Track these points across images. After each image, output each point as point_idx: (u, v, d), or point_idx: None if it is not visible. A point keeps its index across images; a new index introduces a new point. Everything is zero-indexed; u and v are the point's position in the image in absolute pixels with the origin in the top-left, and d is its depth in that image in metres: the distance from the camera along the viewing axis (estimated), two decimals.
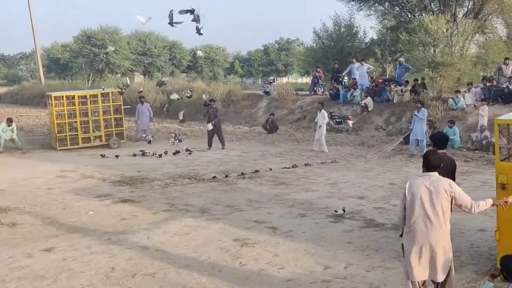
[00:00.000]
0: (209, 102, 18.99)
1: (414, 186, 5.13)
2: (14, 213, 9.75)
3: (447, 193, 5.06)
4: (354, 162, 15.39)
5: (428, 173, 5.17)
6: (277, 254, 7.37)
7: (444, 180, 5.16)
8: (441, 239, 5.07)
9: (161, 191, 11.53)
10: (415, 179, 5.25)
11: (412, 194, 5.09)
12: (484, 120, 17.36)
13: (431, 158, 5.22)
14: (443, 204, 5.04)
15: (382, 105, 22.45)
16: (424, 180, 5.12)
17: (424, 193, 5.04)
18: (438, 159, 5.22)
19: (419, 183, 5.11)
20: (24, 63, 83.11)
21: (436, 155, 5.29)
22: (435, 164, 5.19)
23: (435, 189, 5.04)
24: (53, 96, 18.57)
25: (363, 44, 31.98)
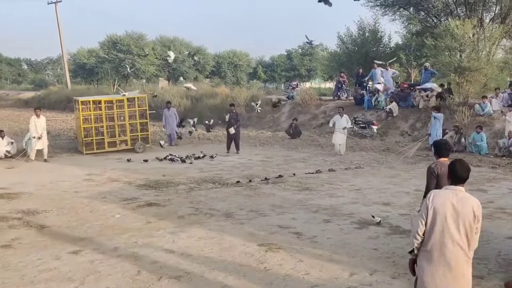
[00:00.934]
0: (230, 106, 19.17)
1: (438, 201, 4.51)
2: (42, 216, 9.90)
3: (475, 216, 4.47)
4: (378, 168, 15.28)
5: (455, 187, 4.57)
6: (302, 260, 7.35)
7: (473, 200, 4.55)
8: (463, 267, 4.52)
9: (186, 195, 11.60)
10: (439, 192, 4.65)
11: (435, 210, 4.49)
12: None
13: (459, 169, 4.59)
14: (469, 226, 4.45)
15: (407, 110, 22.27)
16: (450, 195, 4.51)
17: (450, 212, 4.45)
18: (466, 170, 4.59)
19: (445, 199, 4.50)
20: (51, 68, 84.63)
21: (464, 165, 4.61)
22: (463, 176, 4.57)
23: (463, 208, 4.45)
24: (80, 100, 18.86)
25: (388, 49, 31.79)
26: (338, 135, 17.97)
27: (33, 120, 17.26)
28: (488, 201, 10.97)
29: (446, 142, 6.88)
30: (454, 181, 4.60)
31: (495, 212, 9.92)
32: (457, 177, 4.59)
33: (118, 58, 45.65)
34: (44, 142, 17.22)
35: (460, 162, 4.68)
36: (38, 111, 17.55)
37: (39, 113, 17.40)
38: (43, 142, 17.11)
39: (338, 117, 18.19)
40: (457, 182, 4.58)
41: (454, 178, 4.61)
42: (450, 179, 4.63)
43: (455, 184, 4.59)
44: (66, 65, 48.52)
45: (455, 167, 4.62)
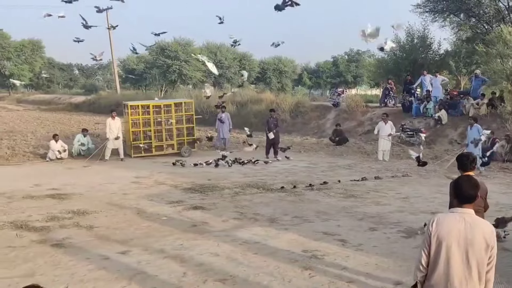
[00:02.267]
0: (270, 112, 19.28)
1: (443, 227, 3.83)
2: (91, 216, 10.17)
3: (488, 244, 3.77)
4: (426, 176, 14.97)
5: (462, 208, 3.91)
6: (347, 268, 7.27)
7: (485, 224, 3.89)
8: None
9: (231, 200, 11.69)
10: (445, 216, 3.94)
11: (439, 238, 3.82)
12: None
13: (464, 186, 3.94)
14: (480, 257, 3.77)
15: (456, 118, 21.74)
16: (457, 220, 3.82)
17: (457, 240, 3.77)
18: (473, 188, 3.93)
19: (451, 225, 3.82)
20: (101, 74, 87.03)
21: (471, 182, 3.98)
22: (470, 194, 3.91)
23: (472, 235, 3.77)
24: (129, 105, 19.29)
25: (437, 55, 31.15)
26: (382, 141, 17.84)
27: (108, 122, 18.40)
28: None
29: (469, 154, 6.45)
30: (460, 201, 3.95)
31: None
32: (463, 196, 3.93)
33: (166, 64, 46.47)
34: (120, 142, 18.29)
35: (465, 178, 4.09)
36: (114, 114, 18.56)
37: (115, 115, 18.45)
38: (119, 143, 18.27)
39: (382, 124, 18.09)
40: (463, 203, 3.92)
41: (459, 197, 3.95)
42: (456, 199, 4.00)
43: (462, 205, 3.92)
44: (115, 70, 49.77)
45: (460, 184, 3.98)
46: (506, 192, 12.75)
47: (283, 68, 55.80)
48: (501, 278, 6.86)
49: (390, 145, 18.08)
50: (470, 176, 4.10)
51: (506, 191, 12.91)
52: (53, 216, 10.05)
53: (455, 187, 3.99)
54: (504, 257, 7.75)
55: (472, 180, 4.02)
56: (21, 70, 64.23)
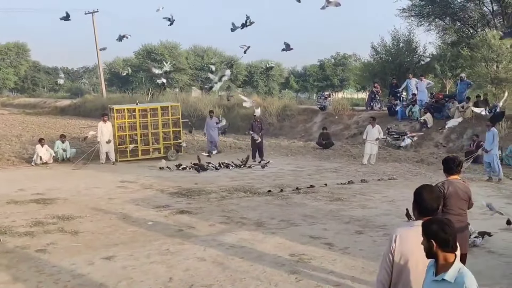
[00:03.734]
0: (253, 115, 19.36)
1: (406, 243, 3.58)
2: (76, 221, 10.07)
3: None
4: (412, 179, 15.04)
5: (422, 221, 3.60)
6: (333, 271, 7.27)
7: None
8: None
9: (217, 204, 11.65)
10: (406, 231, 3.67)
11: (403, 254, 3.57)
12: None
13: (426, 197, 3.67)
14: None
15: (442, 121, 21.88)
16: (420, 234, 3.47)
17: (422, 259, 3.49)
18: (435, 199, 3.70)
19: (415, 241, 3.52)
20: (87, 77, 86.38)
21: (433, 193, 3.72)
22: (432, 206, 3.67)
23: None
24: (115, 109, 19.18)
25: (423, 59, 31.40)
26: (369, 145, 17.88)
27: (100, 125, 18.36)
28: None
29: (455, 158, 6.21)
30: (421, 214, 3.68)
31: None
32: (425, 208, 3.67)
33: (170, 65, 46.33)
34: (111, 146, 18.25)
35: (427, 188, 3.77)
36: (106, 117, 18.60)
37: (106, 119, 18.48)
38: (110, 146, 18.20)
39: (370, 127, 18.10)
40: (424, 215, 3.65)
41: (421, 209, 3.69)
42: (417, 211, 3.73)
43: (423, 218, 3.64)
44: (102, 74, 49.50)
45: (421, 196, 3.69)
46: (491, 195, 12.85)
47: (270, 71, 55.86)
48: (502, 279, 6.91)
49: (377, 149, 18.13)
50: (431, 187, 3.81)
51: (491, 194, 13.01)
52: (37, 221, 9.94)
53: (416, 198, 3.71)
54: (488, 260, 7.82)
55: (435, 191, 3.77)
56: (6, 73, 63.62)
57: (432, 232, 3.34)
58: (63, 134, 19.90)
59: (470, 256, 7.05)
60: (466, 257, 6.13)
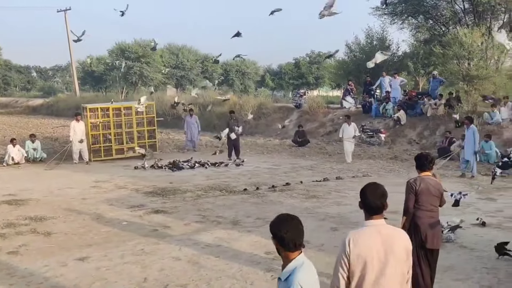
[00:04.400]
0: (230, 113, 19.30)
1: (361, 245, 3.46)
2: (49, 222, 9.93)
3: (407, 253, 3.55)
4: (386, 176, 15.20)
5: (373, 221, 3.57)
6: None
7: (402, 233, 3.65)
8: None
9: (193, 203, 11.59)
10: (359, 233, 3.55)
11: (360, 257, 3.45)
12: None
13: (369, 195, 3.58)
14: (402, 269, 3.53)
15: (415, 118, 22.18)
16: (373, 235, 3.48)
17: (378, 259, 3.44)
18: (380, 196, 3.58)
19: (369, 242, 3.47)
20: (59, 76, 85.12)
21: (378, 190, 3.62)
22: (376, 204, 3.56)
23: (391, 249, 3.47)
24: (88, 108, 18.95)
25: (396, 57, 31.73)
26: (347, 143, 17.91)
27: (73, 124, 18.15)
28: (497, 210, 10.89)
29: (428, 154, 6.23)
30: (370, 212, 3.59)
31: (504, 222, 9.84)
32: (370, 207, 3.58)
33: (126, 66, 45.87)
34: (84, 145, 18.03)
35: (371, 186, 3.68)
36: (79, 117, 18.42)
37: (79, 118, 18.28)
38: (83, 145, 17.97)
39: (346, 125, 18.08)
40: (371, 214, 3.58)
41: (366, 208, 3.60)
42: (364, 210, 3.63)
43: (371, 216, 3.57)
44: (75, 72, 48.84)
45: (365, 194, 3.61)
46: (463, 190, 13.03)
47: (245, 69, 55.85)
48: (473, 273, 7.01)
49: (353, 147, 18.20)
50: (377, 184, 3.69)
51: (463, 189, 13.20)
52: (9, 223, 9.76)
53: (361, 196, 3.63)
54: (460, 255, 7.94)
55: (379, 188, 3.64)
56: None
57: (272, 230, 3.36)
58: (32, 134, 19.60)
59: (442, 251, 7.15)
60: (439, 253, 6.22)
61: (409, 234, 5.92)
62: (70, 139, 18.09)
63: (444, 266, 7.18)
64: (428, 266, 5.99)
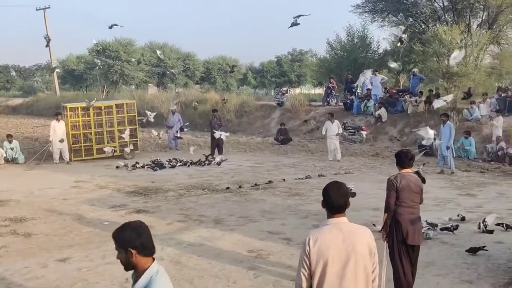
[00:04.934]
0: (212, 112, 19.31)
1: (321, 245, 3.40)
2: (30, 223, 9.81)
3: (371, 250, 3.49)
4: (368, 173, 15.31)
5: (335, 219, 3.50)
6: (291, 266, 7.31)
7: (364, 230, 3.55)
8: None
9: (175, 202, 11.55)
10: (319, 232, 3.50)
11: (320, 256, 3.39)
12: (499, 131, 17.22)
13: (332, 194, 3.52)
14: (365, 267, 3.45)
15: (396, 115, 22.37)
16: (333, 233, 3.43)
17: (339, 257, 3.39)
18: (342, 196, 3.53)
19: (329, 240, 3.41)
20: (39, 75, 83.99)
21: (341, 189, 3.57)
22: (338, 203, 3.50)
23: (353, 245, 3.41)
24: (68, 107, 18.75)
25: (377, 55, 31.97)
26: (331, 141, 17.88)
27: (53, 124, 18.00)
28: (476, 205, 11.03)
29: (408, 151, 6.29)
30: (331, 211, 3.53)
31: (483, 217, 9.95)
32: (332, 206, 3.52)
33: (107, 64, 45.48)
34: (65, 145, 17.85)
35: (333, 185, 3.62)
36: (59, 116, 18.25)
37: (59, 118, 18.12)
38: (63, 145, 17.79)
39: (329, 123, 18.03)
40: (335, 212, 3.52)
41: (329, 207, 3.53)
42: (326, 209, 3.57)
43: (334, 215, 3.52)
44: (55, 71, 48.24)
45: (327, 193, 3.55)
46: (443, 187, 13.21)
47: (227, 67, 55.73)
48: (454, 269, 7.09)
49: (338, 144, 18.08)
50: (340, 184, 3.65)
51: (443, 185, 13.38)
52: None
53: (323, 196, 3.58)
54: (441, 250, 8.03)
55: (342, 188, 3.60)
56: None
57: (127, 241, 3.14)
58: (9, 134, 19.31)
59: (423, 247, 7.23)
60: (419, 249, 6.28)
61: (390, 230, 6.01)
62: (50, 139, 17.88)
63: (425, 261, 7.25)
64: (409, 262, 6.06)
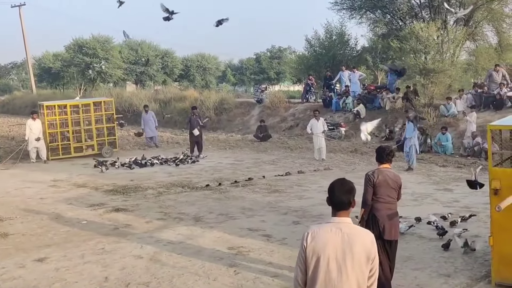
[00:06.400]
0: (192, 109, 19.25)
1: (319, 241, 3.37)
2: (6, 223, 9.67)
3: (368, 256, 3.37)
4: (347, 169, 15.40)
5: (338, 218, 3.45)
6: (271, 262, 7.35)
7: (365, 234, 3.46)
8: None
9: (154, 200, 11.49)
10: (319, 228, 3.46)
11: (316, 253, 3.36)
12: (473, 126, 17.48)
13: (336, 191, 3.49)
14: (360, 271, 3.36)
15: (374, 112, 22.52)
16: (333, 231, 3.38)
17: (334, 254, 3.33)
18: (347, 193, 3.47)
19: (327, 237, 3.37)
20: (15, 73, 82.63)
21: (345, 186, 3.51)
22: (343, 200, 3.46)
23: (350, 247, 3.33)
24: (45, 105, 18.51)
25: (355, 51, 32.16)
26: (317, 139, 17.30)
27: (29, 123, 17.79)
28: (454, 200, 11.19)
29: (387, 147, 6.37)
30: (335, 209, 3.49)
31: (460, 211, 10.11)
32: (336, 203, 3.48)
33: (84, 62, 44.94)
34: (42, 143, 17.65)
35: (339, 182, 3.57)
36: (35, 115, 18.07)
37: (36, 117, 17.96)
38: (40, 144, 17.60)
39: (314, 121, 17.52)
40: (338, 210, 3.47)
41: (333, 204, 3.50)
42: (331, 206, 3.53)
43: (337, 213, 3.48)
44: (31, 69, 47.53)
45: (332, 190, 3.51)
46: (421, 182, 13.36)
47: (206, 65, 55.53)
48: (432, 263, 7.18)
49: (324, 142, 17.56)
50: (345, 180, 3.59)
51: (421, 181, 13.53)
52: None
53: (329, 192, 3.53)
54: (419, 245, 8.13)
55: (347, 184, 3.53)
56: None
57: None
58: None
59: (401, 241, 7.32)
60: (397, 243, 6.36)
61: (367, 226, 6.06)
62: (26, 138, 17.63)
63: (403, 256, 7.34)
64: (387, 256, 6.12)
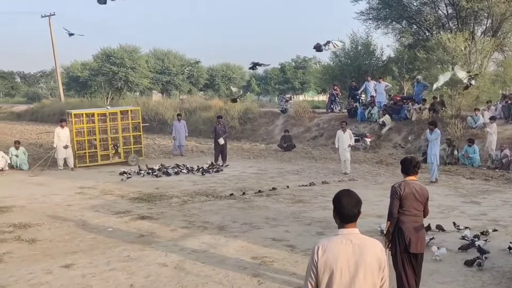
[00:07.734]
0: (217, 119, 19.38)
1: (330, 254, 3.35)
2: (34, 229, 9.83)
3: (379, 265, 3.39)
4: (372, 180, 15.28)
5: (346, 229, 3.43)
6: (295, 273, 7.32)
7: (375, 244, 3.44)
8: None
9: (179, 208, 11.56)
10: (329, 241, 3.42)
11: (328, 266, 3.34)
12: (493, 137, 17.22)
13: (344, 203, 3.45)
14: (373, 281, 3.36)
15: (400, 123, 22.35)
16: (344, 243, 3.37)
17: (347, 266, 3.32)
18: (355, 205, 3.46)
19: (338, 250, 3.35)
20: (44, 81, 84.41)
21: (353, 198, 3.49)
22: (352, 213, 3.44)
23: (362, 259, 3.33)
24: (73, 113, 18.83)
25: (380, 62, 32.00)
26: (342, 152, 16.51)
27: (57, 131, 18.01)
28: (481, 213, 11.00)
29: (413, 159, 6.23)
30: (342, 221, 3.45)
31: (488, 225, 9.93)
32: (344, 215, 3.44)
33: (111, 71, 45.65)
34: (70, 151, 17.89)
35: (345, 194, 3.53)
36: (64, 123, 18.30)
37: (64, 125, 18.18)
38: (68, 152, 17.84)
39: (341, 133, 16.61)
40: (346, 222, 3.45)
41: (341, 216, 3.45)
42: (338, 219, 3.48)
43: (345, 225, 3.45)
44: (59, 78, 48.50)
45: (340, 202, 3.46)
46: (448, 194, 13.18)
47: (231, 74, 55.90)
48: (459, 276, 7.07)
49: (349, 155, 16.67)
50: (351, 191, 3.56)
51: (448, 193, 13.35)
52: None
53: (334, 205, 3.48)
54: (446, 258, 7.99)
55: (354, 195, 3.51)
56: None
57: None
58: (17, 141, 19.39)
59: (427, 254, 7.22)
60: (423, 257, 6.27)
61: (393, 238, 6.00)
62: (54, 145, 17.95)
63: (429, 269, 7.24)
64: (412, 269, 6.04)
